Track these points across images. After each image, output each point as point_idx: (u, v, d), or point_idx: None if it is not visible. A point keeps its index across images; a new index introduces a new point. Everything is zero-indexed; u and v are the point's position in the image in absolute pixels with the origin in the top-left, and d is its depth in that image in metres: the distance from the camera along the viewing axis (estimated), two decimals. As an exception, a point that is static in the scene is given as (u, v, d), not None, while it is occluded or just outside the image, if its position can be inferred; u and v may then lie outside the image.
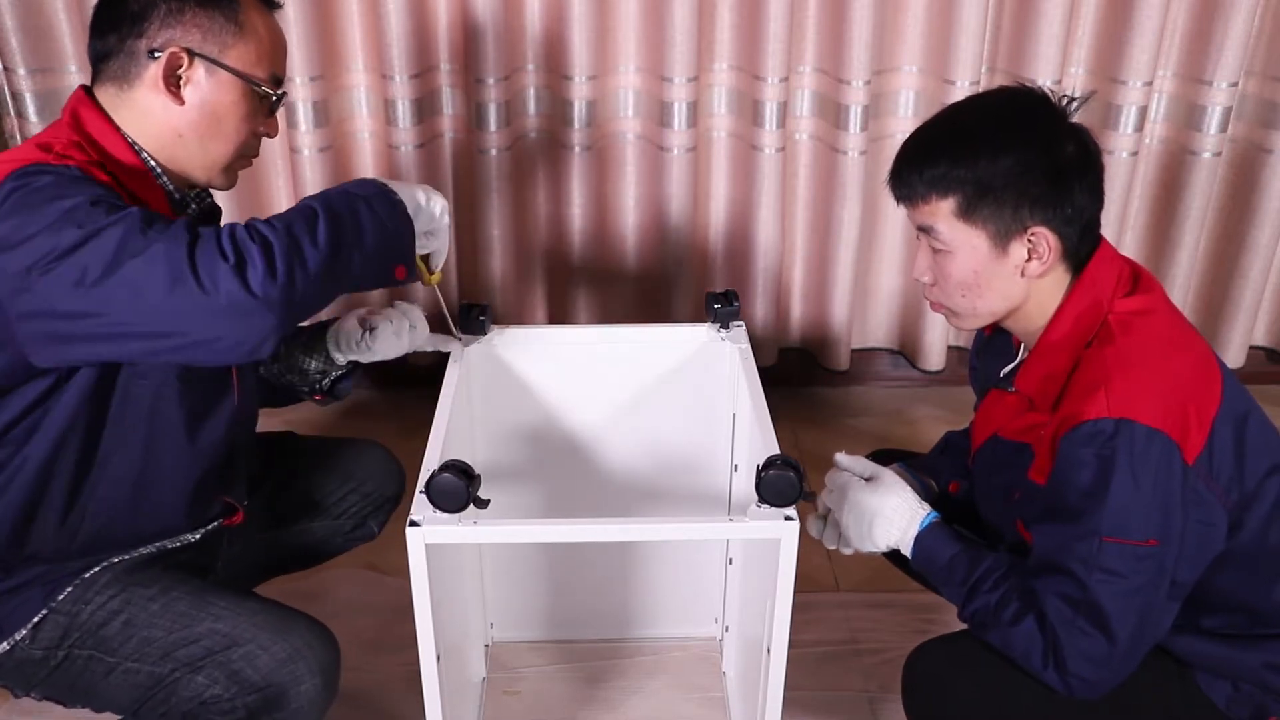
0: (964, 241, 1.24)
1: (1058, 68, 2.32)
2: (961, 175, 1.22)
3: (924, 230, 1.28)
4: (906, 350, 2.74)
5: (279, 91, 1.32)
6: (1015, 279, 1.25)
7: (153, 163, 1.27)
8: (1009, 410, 1.35)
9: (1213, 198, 2.54)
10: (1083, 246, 1.25)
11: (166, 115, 1.25)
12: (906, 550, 1.33)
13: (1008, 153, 1.20)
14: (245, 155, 1.33)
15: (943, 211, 1.24)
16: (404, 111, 2.35)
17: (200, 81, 1.25)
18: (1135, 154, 2.44)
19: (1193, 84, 2.42)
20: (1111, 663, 1.18)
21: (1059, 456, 1.20)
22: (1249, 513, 1.23)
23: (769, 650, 1.29)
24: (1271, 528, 1.24)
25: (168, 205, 1.29)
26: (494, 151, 2.41)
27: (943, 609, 1.68)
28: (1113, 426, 1.15)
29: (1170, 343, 1.23)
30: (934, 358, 2.67)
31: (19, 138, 2.35)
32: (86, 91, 1.28)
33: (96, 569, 1.30)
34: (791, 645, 1.28)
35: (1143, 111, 2.39)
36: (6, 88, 2.31)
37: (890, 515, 1.32)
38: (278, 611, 1.28)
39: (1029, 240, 1.22)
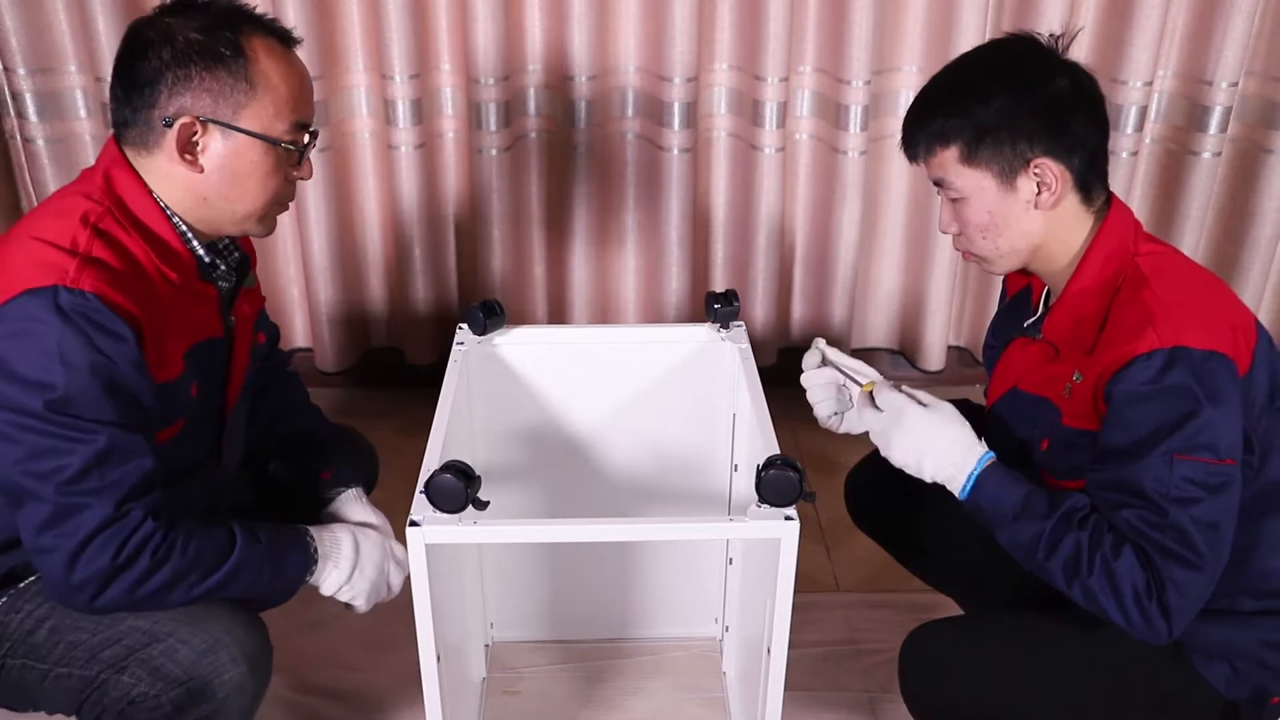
0: (973, 185, 1.27)
1: (1058, 68, 2.32)
2: (957, 123, 1.26)
3: (938, 184, 1.31)
4: (906, 350, 2.74)
5: (305, 140, 1.29)
6: (1030, 213, 1.27)
7: (184, 227, 1.27)
8: (1031, 360, 1.35)
9: (1213, 198, 2.54)
10: (1092, 176, 1.27)
11: (188, 181, 1.24)
12: (957, 488, 1.29)
13: (998, 93, 1.24)
14: (280, 203, 1.32)
15: (948, 161, 1.28)
16: (404, 111, 2.35)
17: (217, 147, 1.23)
18: (1135, 154, 2.45)
19: (1193, 84, 2.42)
20: (1197, 591, 1.17)
21: (1115, 397, 1.19)
22: (1265, 461, 1.23)
23: (769, 650, 1.29)
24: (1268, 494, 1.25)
25: (196, 272, 1.28)
26: (494, 151, 2.41)
27: (942, 609, 1.68)
28: (1168, 355, 1.15)
29: (1203, 279, 1.26)
30: (934, 358, 2.67)
31: (19, 138, 2.35)
32: (120, 145, 1.26)
33: (31, 579, 1.29)
34: (791, 645, 1.28)
35: (1143, 111, 2.39)
36: (6, 88, 2.31)
37: (947, 447, 1.29)
38: (201, 606, 1.26)
39: (1034, 173, 1.25)
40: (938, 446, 1.29)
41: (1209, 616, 1.26)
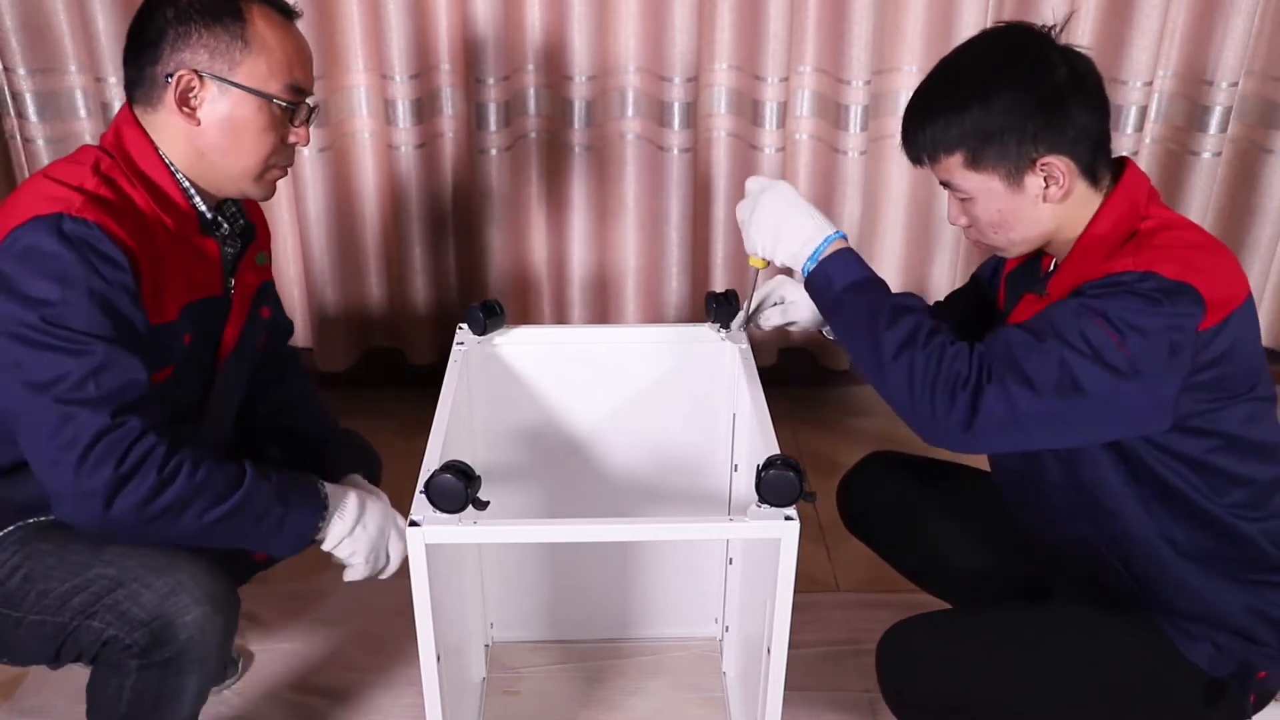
0: (980, 187, 1.28)
1: (1058, 68, 2.32)
2: (960, 129, 1.25)
3: (945, 185, 1.32)
4: (906, 350, 2.73)
5: (300, 101, 1.34)
6: (1039, 206, 1.27)
7: (186, 183, 1.33)
8: None
9: (1213, 198, 2.54)
10: (1098, 160, 1.27)
11: (188, 135, 1.31)
12: (807, 254, 1.32)
13: (998, 95, 1.24)
14: (277, 165, 1.37)
15: (953, 166, 1.28)
16: (404, 111, 2.35)
17: (214, 100, 1.29)
18: (1135, 154, 2.44)
19: (1193, 84, 2.42)
20: (1023, 412, 1.15)
21: (1076, 291, 1.20)
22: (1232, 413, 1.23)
23: (769, 650, 1.29)
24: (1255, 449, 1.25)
25: (197, 226, 1.35)
26: (494, 151, 2.41)
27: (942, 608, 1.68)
28: (1141, 274, 1.16)
29: (1209, 241, 1.26)
30: (934, 358, 2.66)
31: (19, 138, 2.35)
32: (130, 106, 1.33)
33: (10, 528, 1.33)
34: (791, 645, 1.28)
35: (1143, 111, 2.39)
36: (6, 88, 2.31)
37: (811, 213, 1.34)
38: (168, 553, 1.29)
39: (1041, 170, 1.25)
40: (802, 212, 1.34)
41: (1204, 568, 1.27)
